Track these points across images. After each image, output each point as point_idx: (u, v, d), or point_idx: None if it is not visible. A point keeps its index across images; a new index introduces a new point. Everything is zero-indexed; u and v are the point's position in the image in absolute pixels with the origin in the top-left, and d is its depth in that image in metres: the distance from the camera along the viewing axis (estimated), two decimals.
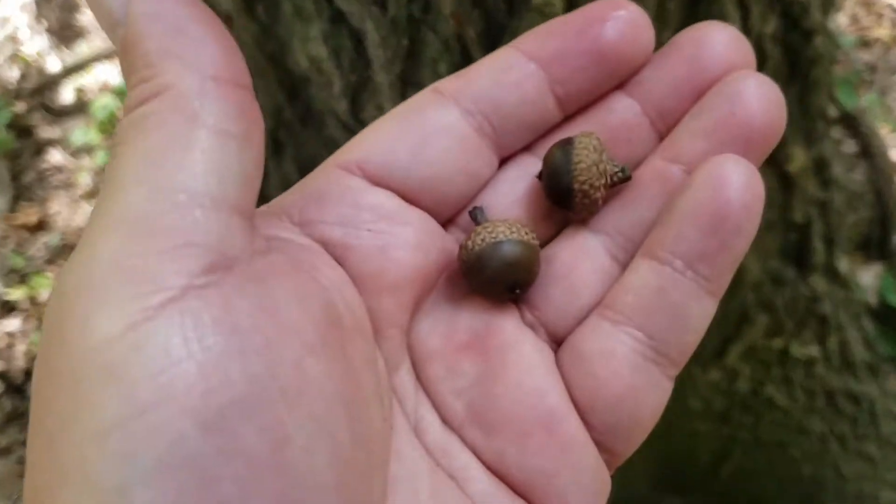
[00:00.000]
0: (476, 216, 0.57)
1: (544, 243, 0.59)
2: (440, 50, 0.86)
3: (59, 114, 2.83)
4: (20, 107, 2.84)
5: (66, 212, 2.63)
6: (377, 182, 0.55)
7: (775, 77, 1.08)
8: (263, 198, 1.25)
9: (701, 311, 0.53)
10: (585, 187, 0.55)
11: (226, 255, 0.42)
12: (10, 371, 2.31)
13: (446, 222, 0.58)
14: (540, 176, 0.57)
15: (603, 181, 0.55)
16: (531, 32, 0.57)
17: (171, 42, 0.44)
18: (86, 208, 2.58)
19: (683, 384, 1.54)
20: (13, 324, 2.42)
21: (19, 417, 2.23)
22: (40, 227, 2.60)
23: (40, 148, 2.77)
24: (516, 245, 0.54)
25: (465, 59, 0.87)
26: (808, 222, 1.32)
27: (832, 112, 1.78)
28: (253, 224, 0.46)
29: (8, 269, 2.51)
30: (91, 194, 2.61)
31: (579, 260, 0.57)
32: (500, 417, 0.53)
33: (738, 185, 0.50)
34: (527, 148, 0.59)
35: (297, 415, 0.41)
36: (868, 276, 1.67)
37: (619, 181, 0.56)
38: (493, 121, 0.57)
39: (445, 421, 0.55)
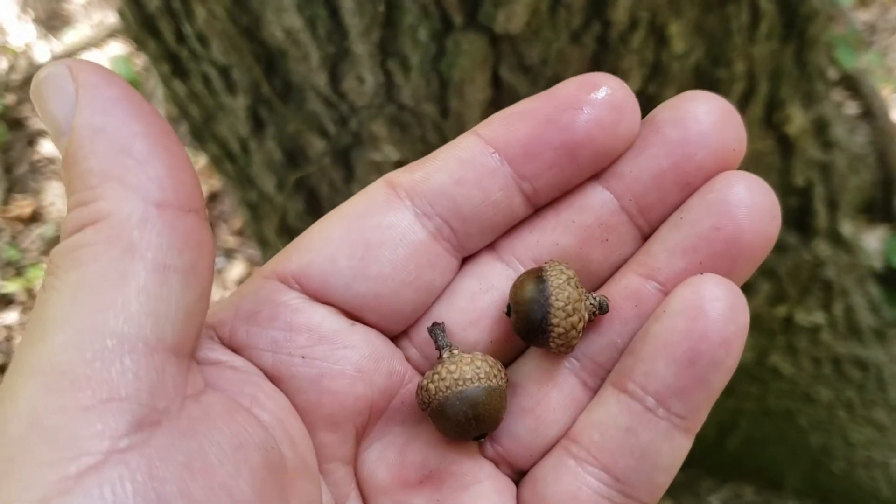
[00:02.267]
0: (436, 336, 0.52)
1: (508, 362, 0.54)
2: (419, 16, 0.82)
3: None
4: (10, 98, 2.81)
5: (59, 203, 2.61)
6: (317, 297, 0.50)
7: (770, 35, 1.06)
8: (249, 179, 1.22)
9: (673, 451, 0.48)
10: (563, 347, 0.51)
11: (155, 407, 0.38)
12: (9, 364, 2.30)
13: (399, 334, 0.53)
14: (508, 312, 0.52)
15: (580, 332, 0.50)
16: (498, 116, 0.51)
17: (114, 162, 0.40)
18: None
19: None
20: (11, 317, 2.41)
21: None
22: (34, 218, 2.59)
23: (32, 139, 2.75)
24: (483, 394, 0.50)
25: (445, 26, 0.84)
26: (810, 185, 1.29)
27: (832, 74, 1.75)
28: (191, 362, 0.42)
29: (3, 262, 2.49)
30: None
31: (547, 390, 0.52)
32: None
33: (718, 314, 0.46)
34: (490, 245, 0.54)
35: None
36: (872, 240, 1.64)
37: (597, 315, 0.51)
38: (453, 223, 0.51)
39: None
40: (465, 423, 0.50)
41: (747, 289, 1.37)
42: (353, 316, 0.51)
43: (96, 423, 0.36)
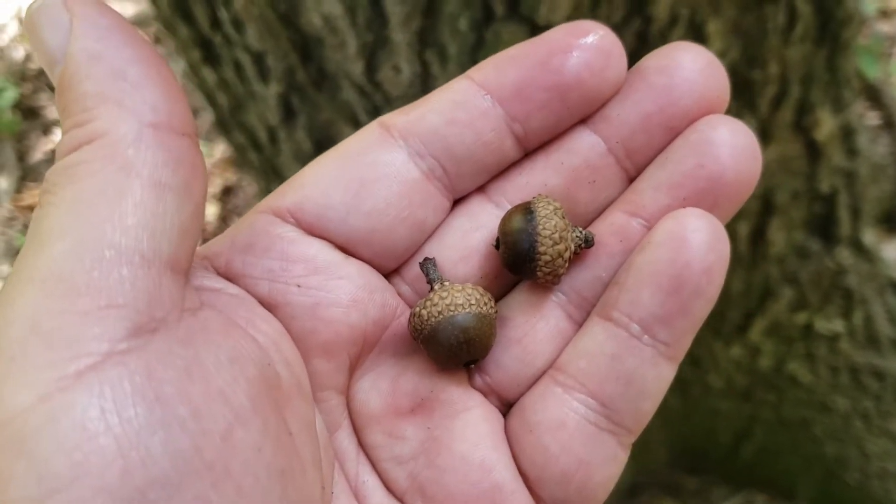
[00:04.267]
0: (428, 270, 0.53)
1: (498, 297, 0.56)
2: (460, 5, 0.82)
3: None
4: (26, 87, 2.81)
5: None
6: (312, 231, 0.52)
7: (805, 37, 1.05)
8: (275, 170, 1.22)
9: (658, 377, 0.50)
10: (549, 276, 0.52)
11: (153, 316, 0.39)
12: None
13: (391, 272, 0.55)
14: (497, 245, 0.53)
15: (567, 260, 0.52)
16: (490, 60, 0.53)
17: (110, 85, 0.41)
18: None
19: (704, 361, 1.51)
20: None
21: None
22: None
23: (47, 129, 2.74)
24: (473, 320, 0.51)
25: (486, 16, 0.83)
26: (835, 192, 1.28)
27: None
28: (187, 279, 0.43)
29: (15, 250, 2.49)
30: None
31: (534, 322, 0.53)
32: (445, 491, 0.51)
33: (700, 244, 0.47)
34: (480, 188, 0.55)
35: (225, 492, 0.38)
36: (891, 251, 1.63)
37: (582, 248, 0.53)
38: (446, 163, 0.53)
39: (388, 487, 0.52)
40: (457, 348, 0.51)
41: (770, 295, 1.36)
42: (347, 251, 0.52)
43: (95, 327, 0.37)
